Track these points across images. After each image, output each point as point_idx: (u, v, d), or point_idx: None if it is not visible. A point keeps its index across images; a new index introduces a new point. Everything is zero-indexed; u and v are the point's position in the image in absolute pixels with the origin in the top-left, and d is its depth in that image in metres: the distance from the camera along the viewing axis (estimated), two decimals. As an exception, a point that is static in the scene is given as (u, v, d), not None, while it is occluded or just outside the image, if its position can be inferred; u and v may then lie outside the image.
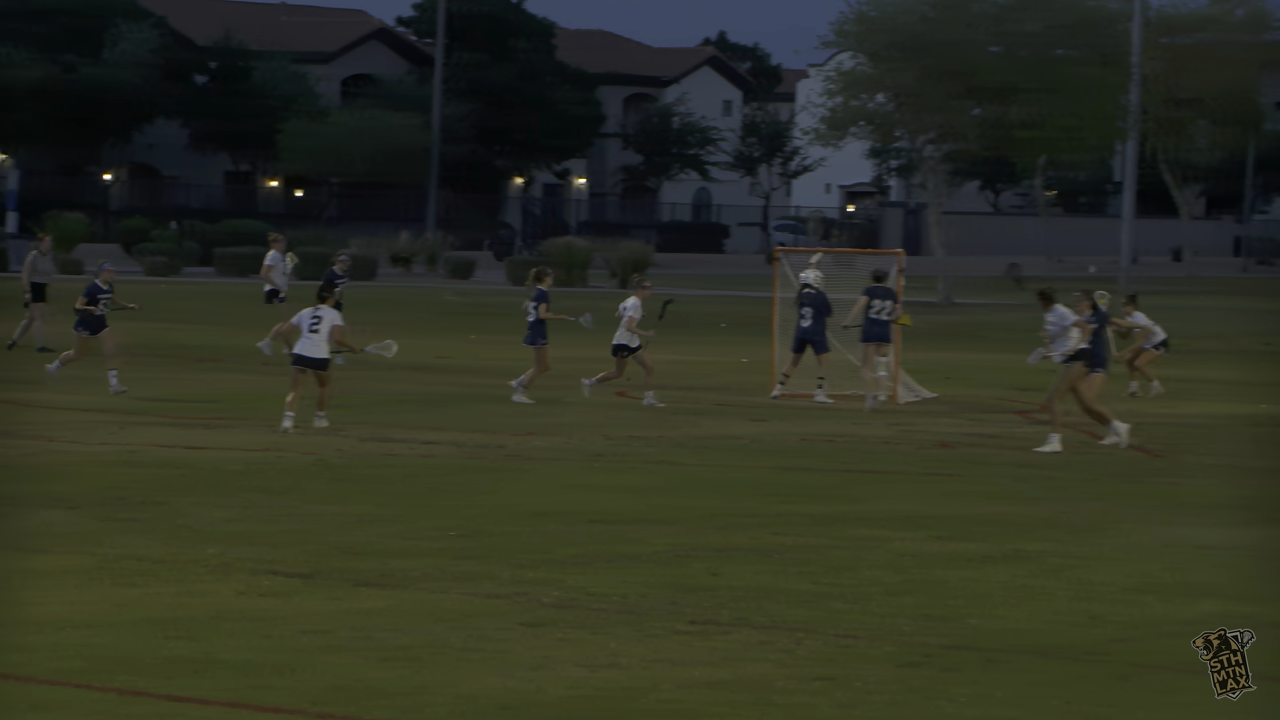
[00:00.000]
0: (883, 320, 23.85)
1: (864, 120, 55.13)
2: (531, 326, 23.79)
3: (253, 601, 11.33)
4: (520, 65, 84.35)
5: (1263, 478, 18.07)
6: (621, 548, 13.38)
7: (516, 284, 56.20)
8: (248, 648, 10.15)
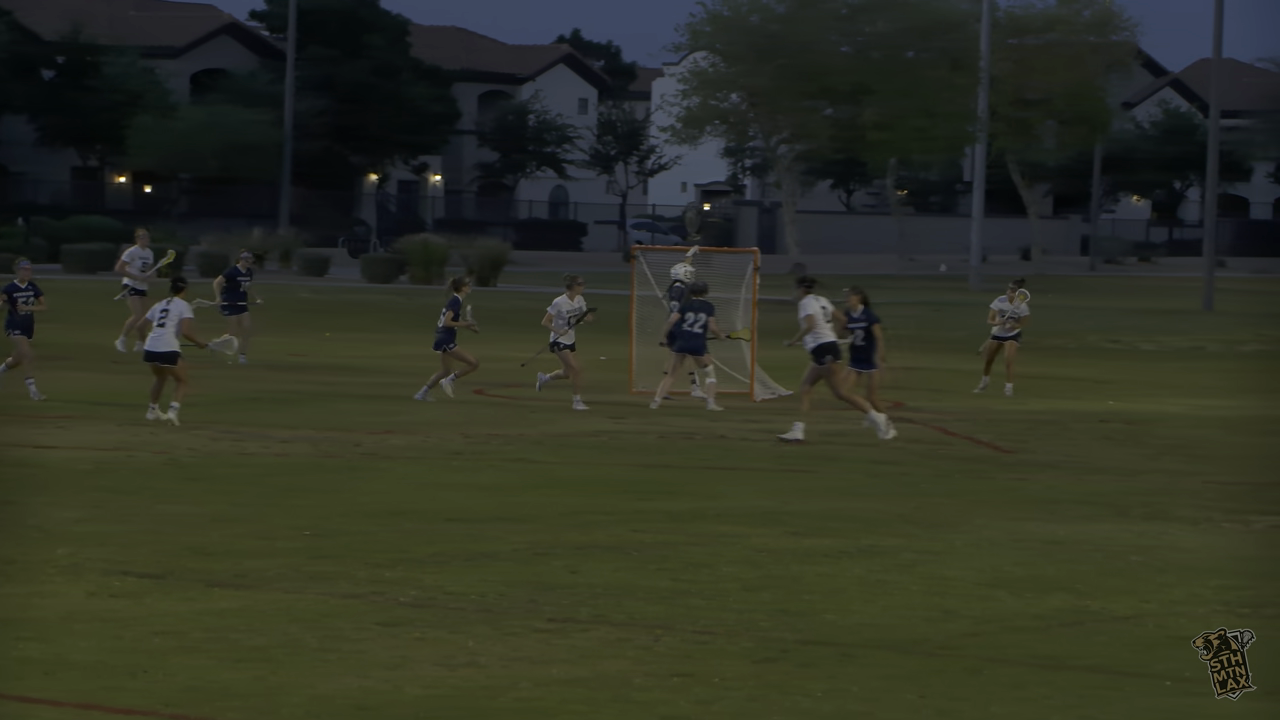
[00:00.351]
0: (696, 333, 23.81)
1: (718, 120, 55.47)
2: (441, 331, 23.71)
3: (104, 602, 11.17)
4: (373, 61, 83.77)
5: (1110, 473, 18.40)
6: (479, 546, 13.35)
7: (372, 281, 55.91)
8: (99, 649, 10.01)
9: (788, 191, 56.30)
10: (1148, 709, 9.28)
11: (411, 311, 44.82)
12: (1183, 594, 12.15)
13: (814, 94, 53.46)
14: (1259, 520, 15.41)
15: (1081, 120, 72.01)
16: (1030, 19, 72.11)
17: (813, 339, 20.15)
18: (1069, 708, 9.28)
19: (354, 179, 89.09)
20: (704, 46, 54.74)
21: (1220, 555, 13.64)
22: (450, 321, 23.49)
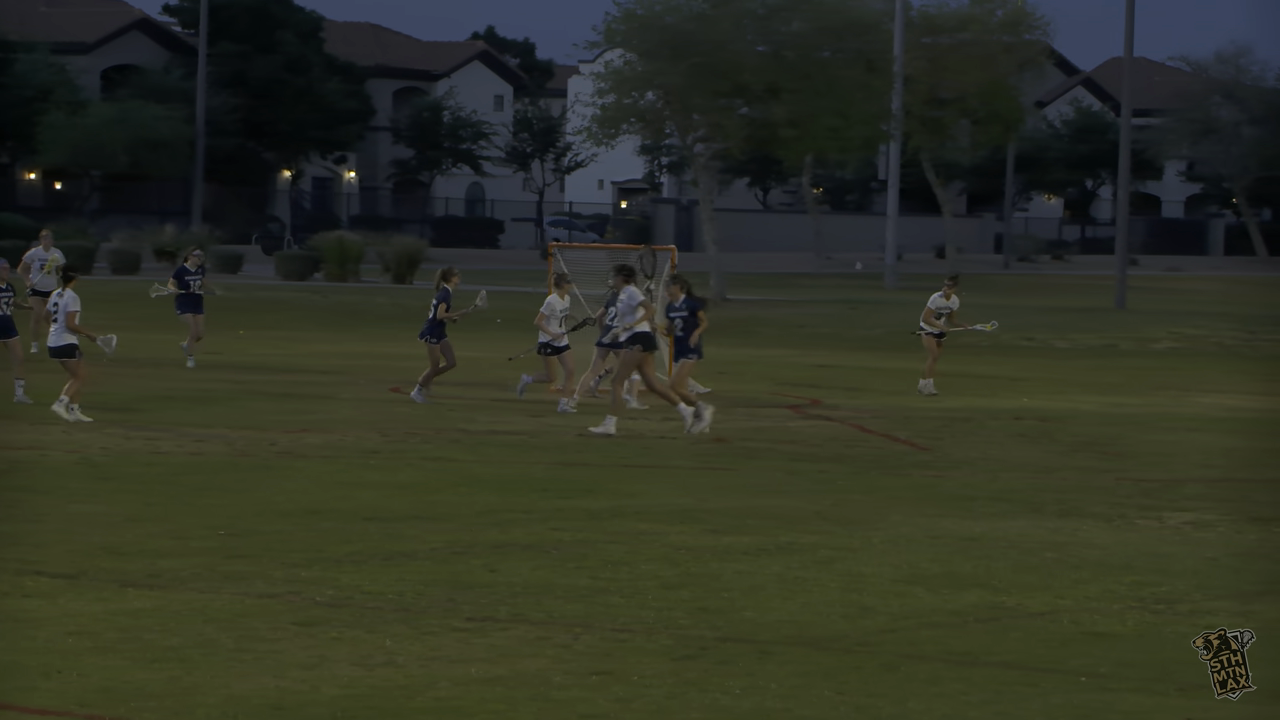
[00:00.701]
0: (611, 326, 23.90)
1: (635, 118, 55.40)
2: (429, 323, 23.40)
3: (16, 603, 11.04)
4: (286, 57, 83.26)
5: (1024, 470, 18.54)
6: (397, 545, 13.29)
7: (286, 278, 55.56)
8: (12, 649, 9.89)
9: (704, 190, 56.38)
10: (1063, 705, 9.35)
11: (326, 309, 44.60)
12: (1097, 590, 12.26)
13: (728, 93, 53.55)
14: (1173, 517, 15.57)
15: (995, 119, 72.51)
16: (943, 18, 72.53)
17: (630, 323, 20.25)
18: (985, 703, 9.33)
19: (267, 175, 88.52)
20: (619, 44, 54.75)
21: (1134, 551, 13.77)
22: (444, 314, 23.19)
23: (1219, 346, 40.40)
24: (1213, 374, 33.22)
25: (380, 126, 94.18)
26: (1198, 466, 19.18)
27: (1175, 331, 42.94)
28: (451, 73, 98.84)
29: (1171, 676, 9.95)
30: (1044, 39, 74.79)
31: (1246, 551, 13.90)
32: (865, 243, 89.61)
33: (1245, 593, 12.32)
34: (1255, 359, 37.78)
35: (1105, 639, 10.79)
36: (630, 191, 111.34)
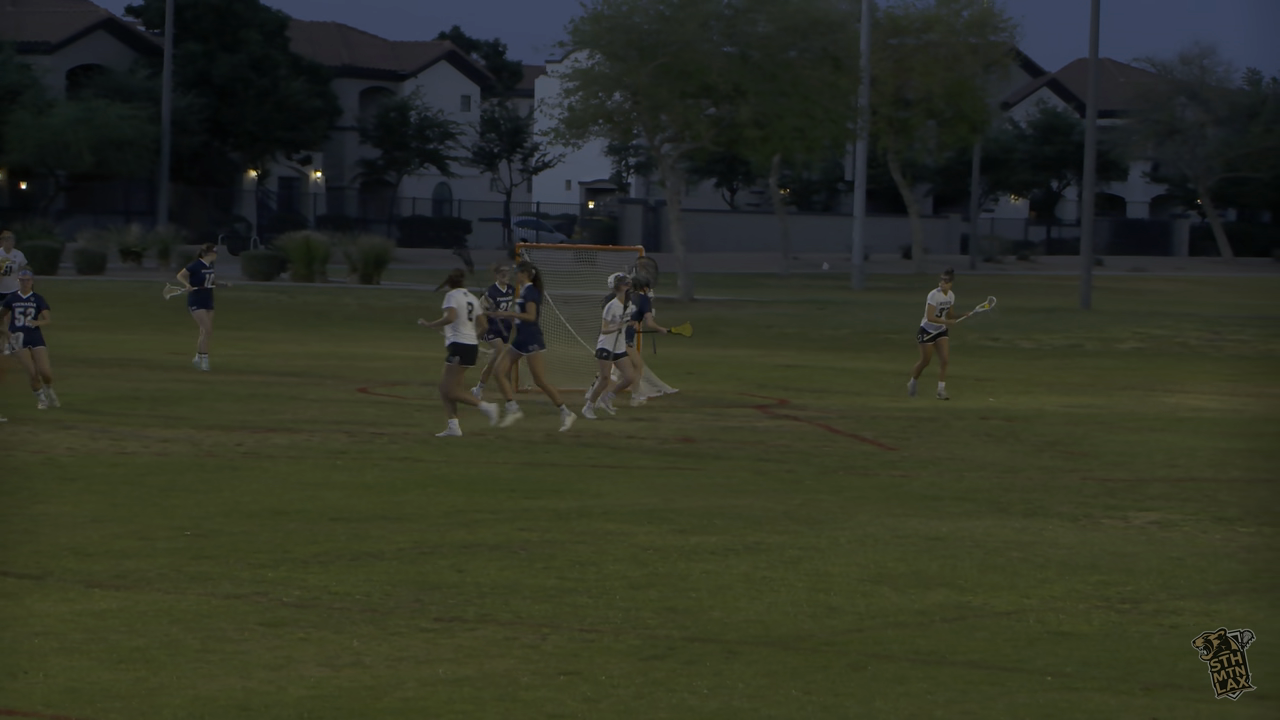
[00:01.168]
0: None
1: (602, 118, 55.39)
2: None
3: (-20, 605, 11.00)
4: (251, 56, 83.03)
5: (990, 470, 18.60)
6: (364, 546, 13.27)
7: (252, 278, 55.40)
8: (-24, 653, 9.85)
9: (672, 190, 56.40)
10: (1028, 704, 9.38)
11: (292, 309, 44.49)
12: (1062, 589, 12.31)
13: (695, 93, 53.58)
14: (1137, 516, 15.64)
15: (961, 120, 72.72)
16: (909, 19, 72.72)
17: (451, 333, 19.96)
18: (951, 703, 9.37)
19: (233, 175, 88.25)
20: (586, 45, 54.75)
21: (1099, 551, 13.83)
22: (490, 311, 22.57)
23: (1183, 347, 40.58)
24: (1177, 374, 33.36)
25: (347, 126, 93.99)
26: (1162, 466, 19.27)
27: (1140, 332, 43.11)
28: (418, 73, 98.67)
29: (1136, 676, 9.99)
30: (1010, 40, 75.03)
31: (1211, 551, 13.97)
32: (832, 243, 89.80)
33: (1210, 592, 12.38)
34: (1219, 359, 37.96)
35: (1070, 638, 10.84)
36: (598, 192, 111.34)
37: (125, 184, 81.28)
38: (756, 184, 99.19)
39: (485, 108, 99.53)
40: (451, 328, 19.82)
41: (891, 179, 77.68)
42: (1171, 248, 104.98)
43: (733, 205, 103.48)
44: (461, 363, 19.86)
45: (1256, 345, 40.86)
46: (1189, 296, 63.50)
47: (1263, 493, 17.33)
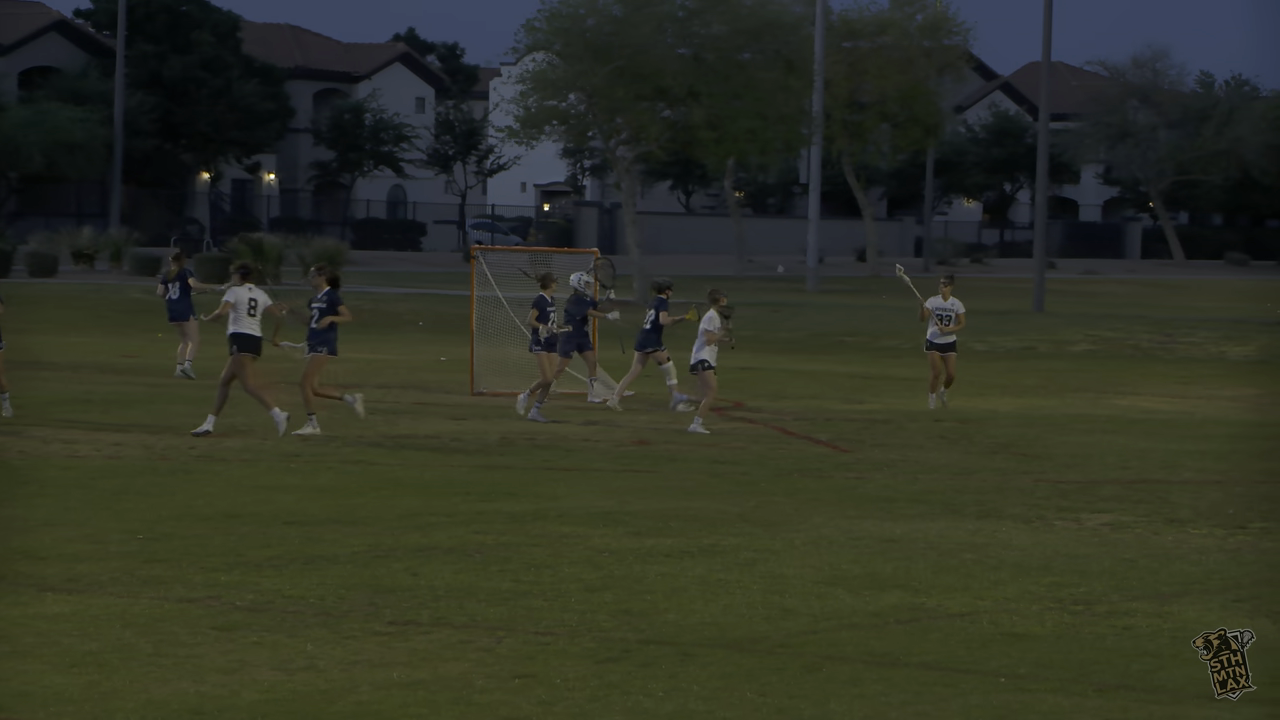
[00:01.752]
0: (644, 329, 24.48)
1: (557, 120, 55.38)
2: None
3: (-70, 610, 10.91)
4: (203, 57, 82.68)
5: (943, 472, 18.66)
6: (317, 549, 13.23)
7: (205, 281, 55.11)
8: (-75, 658, 9.78)
9: (627, 192, 56.41)
10: (982, 705, 9.42)
11: (247, 312, 44.29)
12: (1016, 591, 12.35)
13: (650, 95, 53.61)
14: (1090, 518, 15.72)
15: (914, 123, 72.95)
16: (863, 22, 72.92)
17: (231, 324, 20.06)
18: (905, 704, 9.39)
19: (185, 177, 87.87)
20: (541, 47, 54.71)
21: (1052, 553, 13.89)
22: (533, 321, 22.85)
23: (1135, 349, 40.81)
24: (1129, 376, 33.54)
25: (300, 128, 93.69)
26: (1115, 468, 19.36)
27: (1092, 334, 43.33)
28: (372, 74, 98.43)
29: (1089, 677, 10.04)
30: (963, 44, 75.32)
31: (1163, 553, 14.04)
32: (787, 246, 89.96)
33: (1162, 594, 12.45)
34: (1171, 362, 38.18)
35: (1024, 640, 10.88)
36: (553, 194, 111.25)
37: (77, 186, 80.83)
38: (712, 187, 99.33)
39: (440, 110, 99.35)
40: (231, 319, 19.98)
41: (846, 182, 77.87)
42: (1124, 250, 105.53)
43: (688, 208, 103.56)
44: (240, 351, 19.93)
45: (1208, 348, 41.12)
46: (1141, 299, 63.86)
47: (1214, 494, 17.44)
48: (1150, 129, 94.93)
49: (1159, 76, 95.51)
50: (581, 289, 24.91)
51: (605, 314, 24.81)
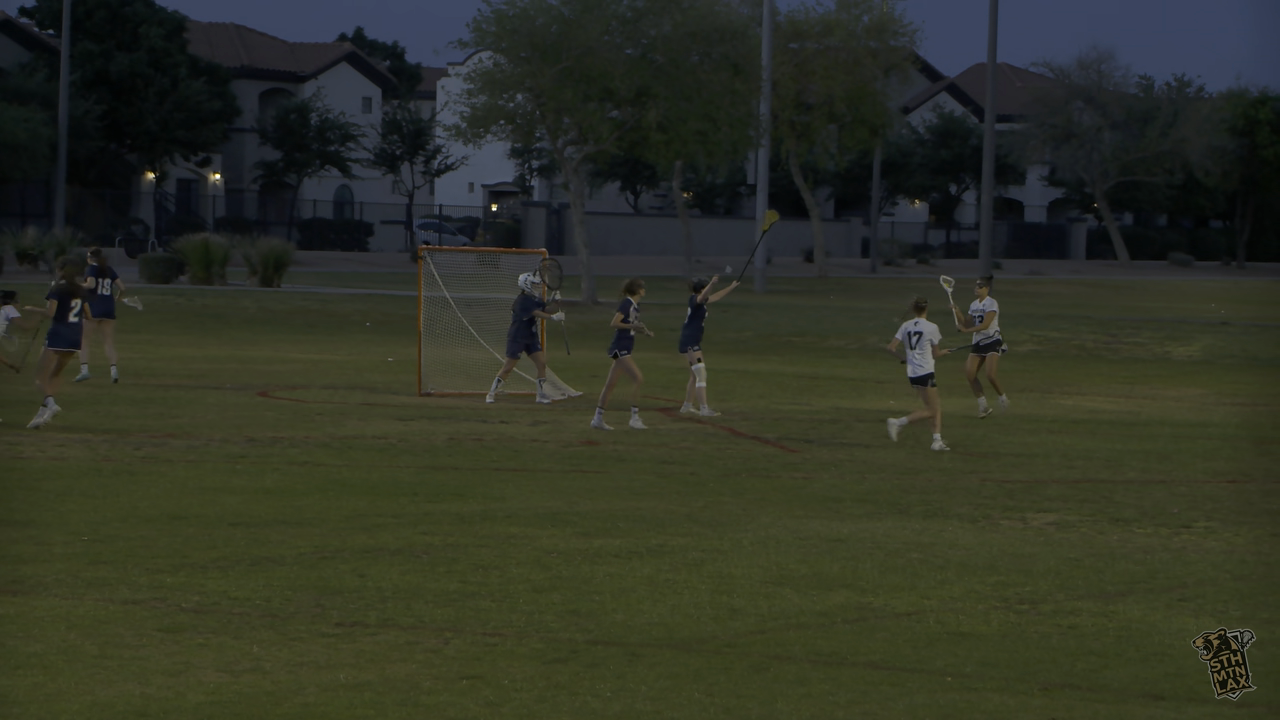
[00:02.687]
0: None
1: (504, 120, 55.31)
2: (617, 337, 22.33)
3: None
4: (148, 56, 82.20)
5: (889, 472, 18.72)
6: (263, 550, 13.17)
7: (150, 281, 54.86)
8: None
9: (575, 193, 56.40)
10: (928, 704, 9.45)
11: (191, 312, 44.10)
12: (961, 590, 12.41)
13: (598, 96, 53.61)
14: (1035, 517, 15.80)
15: (861, 124, 73.17)
16: (809, 24, 73.11)
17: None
18: (851, 703, 9.42)
19: (130, 177, 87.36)
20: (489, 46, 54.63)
21: (997, 552, 13.96)
22: (620, 323, 22.19)
23: (1080, 349, 41.04)
24: (1073, 376, 33.73)
25: (246, 128, 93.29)
26: (1059, 468, 19.47)
27: (1037, 334, 43.55)
28: (319, 74, 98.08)
29: (1035, 676, 10.09)
30: (909, 45, 75.59)
31: (1108, 552, 14.13)
32: (734, 246, 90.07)
33: (1107, 593, 12.53)
34: (1115, 362, 38.41)
35: (969, 639, 10.93)
36: (501, 194, 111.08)
37: (21, 186, 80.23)
38: (660, 187, 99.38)
39: (387, 110, 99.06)
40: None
41: (793, 182, 78.05)
42: (1068, 251, 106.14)
43: (636, 208, 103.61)
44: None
45: (1152, 348, 41.39)
46: (1085, 299, 64.23)
47: (1158, 494, 17.56)
48: (1095, 130, 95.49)
49: (1104, 78, 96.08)
50: (528, 290, 24.90)
51: (551, 314, 24.83)
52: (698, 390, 23.69)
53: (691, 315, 23.76)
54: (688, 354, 23.76)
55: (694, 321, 23.73)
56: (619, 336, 22.22)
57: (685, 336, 23.83)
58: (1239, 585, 12.86)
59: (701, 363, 23.69)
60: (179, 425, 20.80)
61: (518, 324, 24.73)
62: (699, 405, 23.56)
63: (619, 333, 22.20)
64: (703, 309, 23.75)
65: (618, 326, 22.21)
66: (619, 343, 22.24)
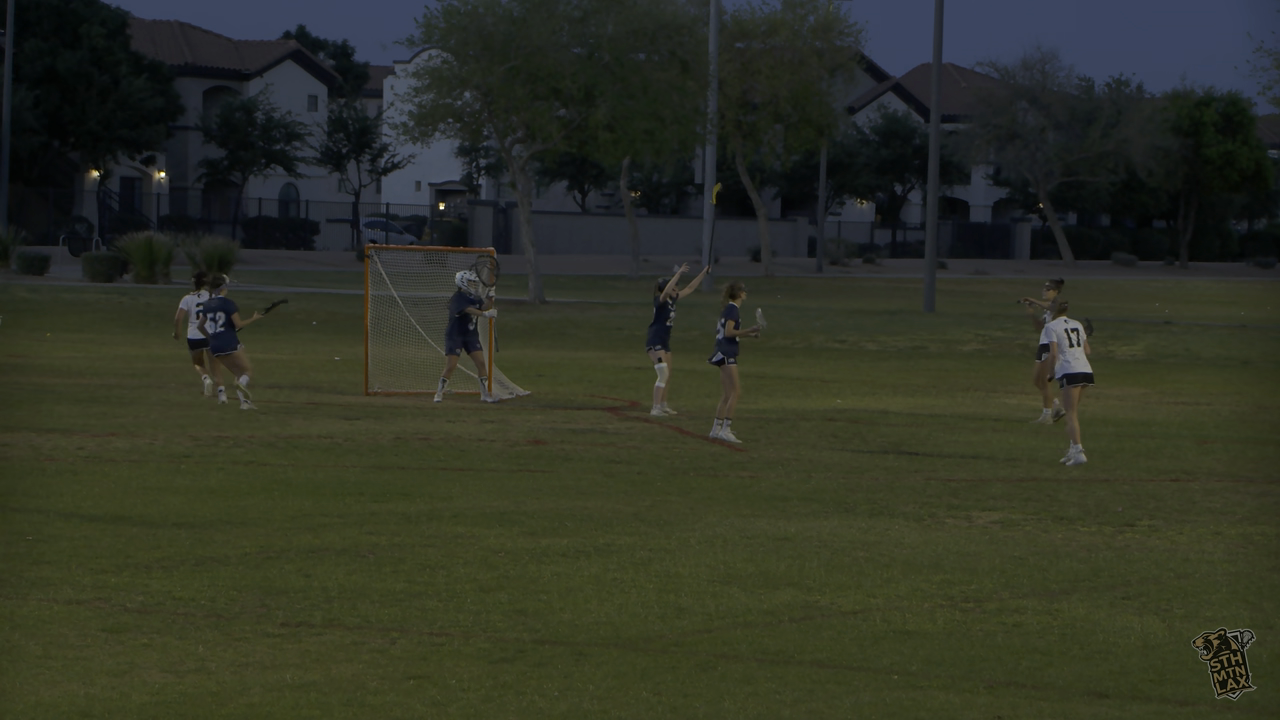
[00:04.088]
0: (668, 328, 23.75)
1: (452, 118, 55.20)
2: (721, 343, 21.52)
3: None
4: (90, 54, 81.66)
5: (835, 470, 18.77)
6: (208, 551, 13.11)
7: (93, 280, 54.53)
8: None
9: (522, 192, 56.32)
10: (873, 702, 9.49)
11: (135, 311, 43.84)
12: (907, 589, 12.45)
13: (545, 95, 53.56)
14: (980, 516, 15.87)
15: (806, 123, 73.33)
16: (754, 23, 73.23)
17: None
18: (797, 702, 9.44)
19: (73, 175, 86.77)
20: (437, 44, 54.50)
21: (942, 550, 14.01)
22: (731, 331, 21.38)
23: (1024, 349, 41.22)
24: (1017, 376, 33.90)
25: (190, 126, 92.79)
26: (1004, 466, 19.57)
27: (981, 334, 43.75)
28: (264, 72, 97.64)
29: (979, 674, 10.14)
30: (854, 45, 75.80)
31: (1052, 550, 14.21)
32: (681, 246, 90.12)
33: (1051, 591, 12.59)
34: (1060, 361, 38.57)
35: (915, 637, 10.97)
36: (448, 193, 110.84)
37: (-38, 183, 79.51)
38: (607, 187, 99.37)
39: (333, 108, 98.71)
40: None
41: (740, 182, 78.18)
42: (1013, 251, 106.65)
43: (584, 208, 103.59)
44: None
45: (1095, 347, 41.54)
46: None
47: (1101, 492, 17.66)
48: (1038, 130, 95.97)
49: (1048, 78, 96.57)
50: (464, 287, 24.89)
51: (484, 312, 24.77)
52: (655, 389, 23.71)
53: (656, 315, 23.76)
54: (651, 352, 23.82)
55: (658, 321, 23.78)
56: (728, 343, 21.31)
57: (650, 336, 23.92)
58: (1182, 584, 12.95)
59: (663, 363, 23.60)
60: (122, 425, 20.68)
61: (452, 321, 24.73)
62: (655, 403, 23.60)
63: (727, 339, 21.29)
64: (667, 308, 23.73)
65: (729, 335, 21.29)
66: (727, 350, 21.39)
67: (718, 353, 21.70)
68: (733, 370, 21.43)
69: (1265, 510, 16.73)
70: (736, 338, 21.56)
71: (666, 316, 23.64)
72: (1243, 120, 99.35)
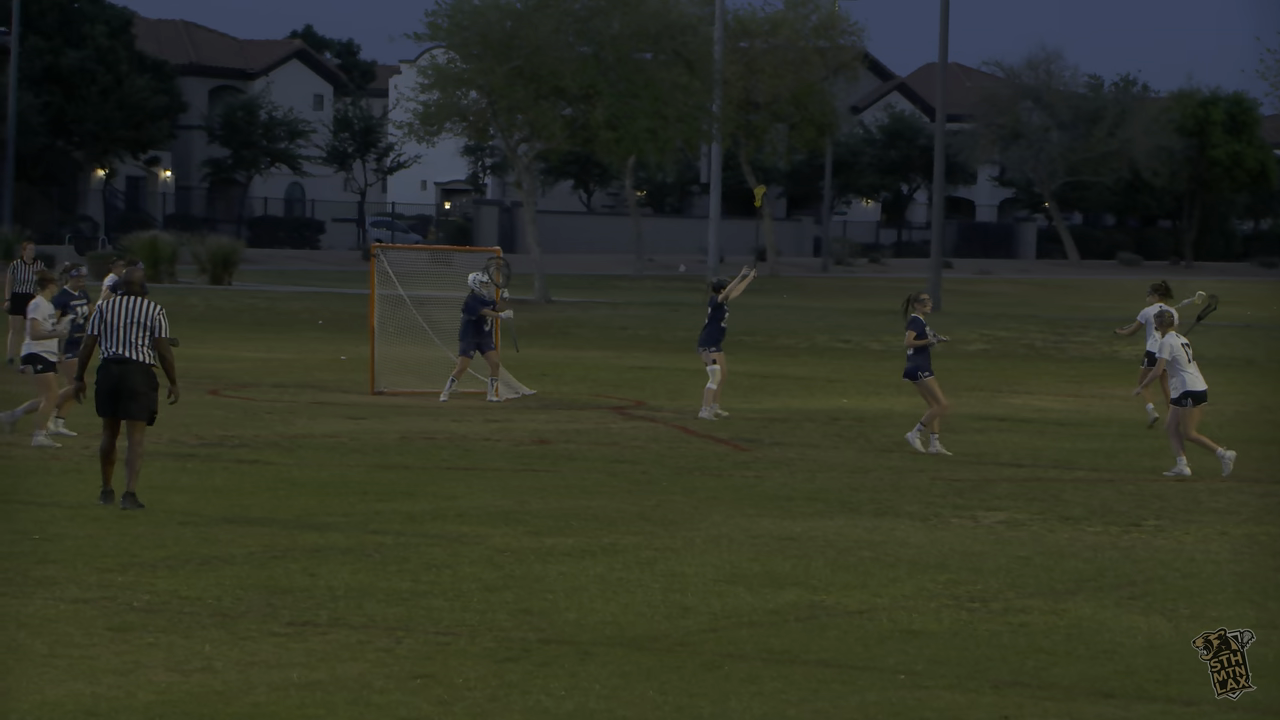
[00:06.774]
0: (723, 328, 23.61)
1: (457, 117, 55.22)
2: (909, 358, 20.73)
3: None
4: (95, 52, 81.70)
5: (840, 470, 18.76)
6: (213, 549, 13.12)
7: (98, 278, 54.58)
8: None
9: (527, 191, 56.33)
10: (879, 702, 9.48)
11: (141, 310, 43.83)
12: (912, 588, 12.45)
13: (549, 94, 53.56)
14: (985, 516, 15.87)
15: (808, 123, 73.27)
16: (756, 22, 73.17)
17: None
18: (803, 701, 9.44)
19: (77, 174, 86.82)
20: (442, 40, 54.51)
21: (948, 550, 14.01)
22: (914, 341, 20.64)
23: (1028, 348, 41.22)
24: (1022, 375, 33.89)
25: (194, 125, 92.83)
26: (1009, 466, 19.56)
27: (986, 333, 43.73)
28: (268, 71, 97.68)
29: (985, 674, 10.14)
30: (857, 44, 75.75)
31: (1057, 550, 14.20)
32: (686, 245, 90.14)
33: (1057, 590, 12.59)
34: (1063, 361, 38.60)
35: (920, 636, 10.97)
36: (453, 192, 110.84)
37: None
38: (612, 186, 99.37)
39: (338, 107, 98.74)
40: None
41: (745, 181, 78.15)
42: (1018, 250, 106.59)
43: (589, 207, 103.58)
44: None
45: (1099, 347, 41.61)
46: (1034, 299, 64.52)
47: (1106, 492, 17.66)
48: (1043, 130, 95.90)
49: (1052, 78, 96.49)
50: (477, 289, 24.89)
51: (500, 313, 24.81)
52: (706, 390, 23.38)
53: (711, 315, 23.27)
54: (703, 354, 23.38)
55: (713, 322, 23.22)
56: (916, 354, 20.57)
57: (704, 336, 23.39)
58: (1187, 583, 12.95)
59: (716, 364, 23.13)
60: (128, 423, 20.66)
61: (466, 323, 24.73)
62: (704, 405, 23.26)
63: (917, 351, 20.56)
64: (723, 309, 23.22)
65: (913, 345, 20.50)
66: (921, 363, 20.63)
67: (909, 366, 20.75)
68: (929, 383, 20.57)
69: (1270, 510, 16.73)
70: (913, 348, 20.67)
71: (721, 317, 23.16)
72: (1249, 120, 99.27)
